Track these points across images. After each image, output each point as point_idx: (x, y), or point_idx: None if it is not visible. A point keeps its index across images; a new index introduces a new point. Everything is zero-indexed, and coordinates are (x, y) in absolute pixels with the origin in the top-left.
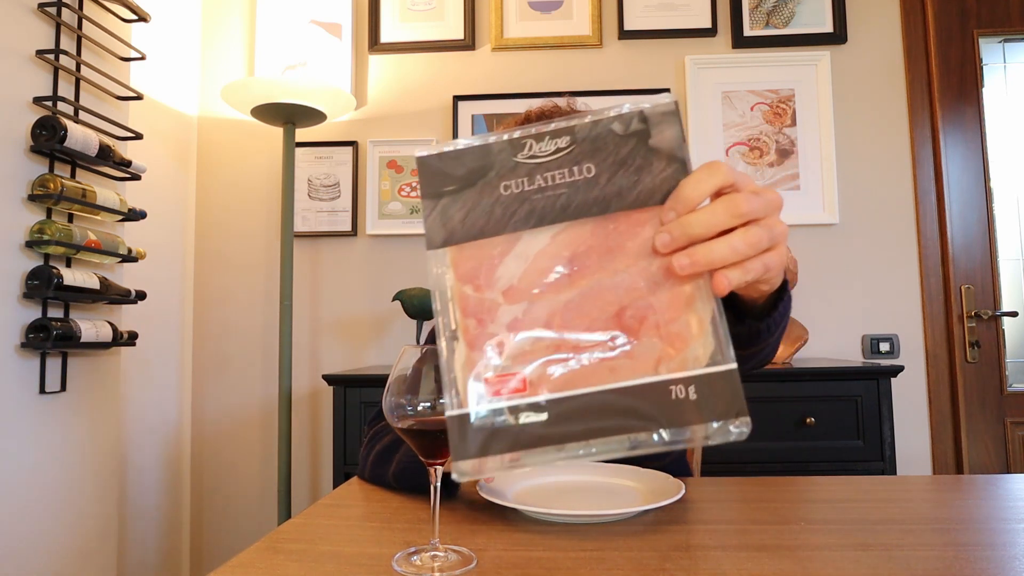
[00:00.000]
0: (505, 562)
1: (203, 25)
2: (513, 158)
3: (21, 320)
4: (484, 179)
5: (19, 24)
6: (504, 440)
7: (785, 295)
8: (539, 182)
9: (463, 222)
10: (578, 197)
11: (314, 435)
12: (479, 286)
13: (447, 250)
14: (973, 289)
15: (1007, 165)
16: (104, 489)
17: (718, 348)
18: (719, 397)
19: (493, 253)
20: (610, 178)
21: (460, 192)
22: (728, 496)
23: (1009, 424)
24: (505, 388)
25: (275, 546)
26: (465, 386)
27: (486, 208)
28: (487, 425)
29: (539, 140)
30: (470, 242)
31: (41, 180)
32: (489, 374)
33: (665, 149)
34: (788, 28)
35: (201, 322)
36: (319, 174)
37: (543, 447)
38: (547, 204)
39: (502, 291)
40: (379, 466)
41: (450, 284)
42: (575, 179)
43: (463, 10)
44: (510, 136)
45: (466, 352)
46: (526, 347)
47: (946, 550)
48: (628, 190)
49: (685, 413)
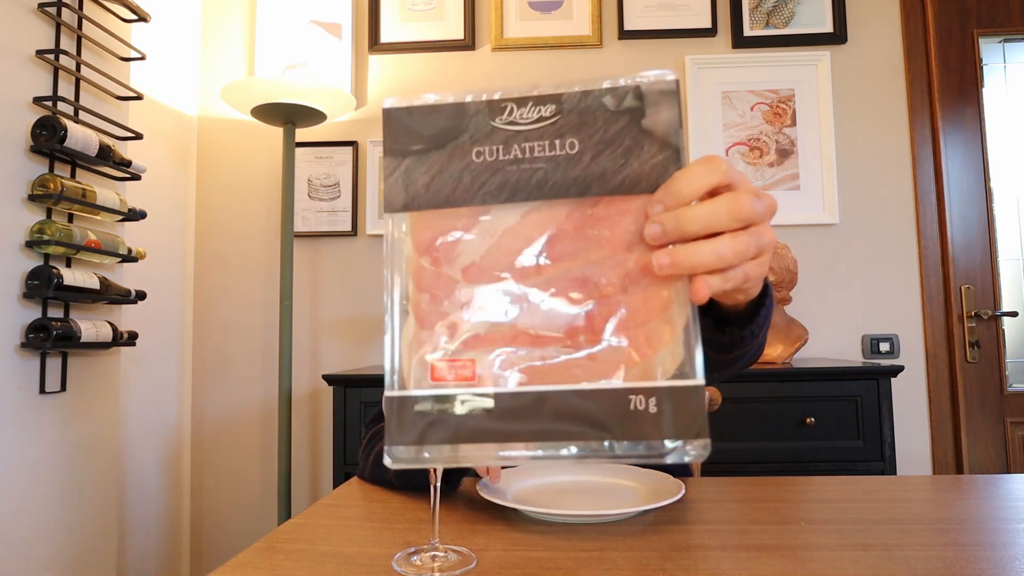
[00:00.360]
0: (505, 562)
1: (203, 25)
2: (490, 122)
3: (21, 320)
4: (455, 142)
5: (19, 24)
6: (445, 430)
7: (767, 300)
8: (515, 152)
9: (427, 187)
10: (557, 174)
11: (314, 435)
12: (437, 259)
13: (406, 215)
14: (973, 289)
15: (1007, 165)
16: (104, 489)
17: (687, 360)
18: (680, 414)
19: (456, 225)
20: (594, 157)
21: (427, 153)
22: (728, 496)
23: (1009, 424)
24: (452, 374)
25: (275, 546)
26: (410, 366)
27: (454, 174)
28: (428, 411)
29: (521, 105)
30: (433, 210)
31: (41, 180)
32: (437, 356)
33: (659, 132)
34: (788, 28)
35: (201, 322)
36: (319, 174)
37: (484, 443)
38: (522, 178)
39: (462, 268)
40: (379, 465)
41: (406, 253)
42: (555, 154)
43: (463, 10)
44: (489, 97)
45: (415, 330)
46: (480, 333)
47: (946, 550)
48: (613, 173)
49: (642, 426)
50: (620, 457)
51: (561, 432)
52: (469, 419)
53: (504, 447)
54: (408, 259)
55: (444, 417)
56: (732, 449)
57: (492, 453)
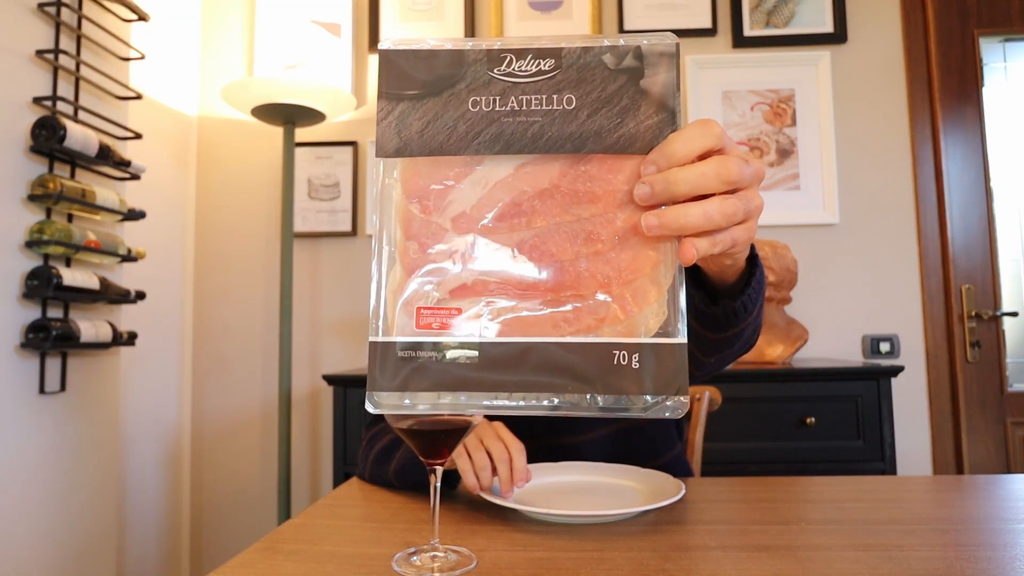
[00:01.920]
0: (505, 562)
1: (203, 25)
2: (488, 72)
3: (21, 320)
4: (452, 89)
5: (19, 24)
6: (428, 377)
7: (757, 271)
8: (512, 104)
9: (421, 133)
10: (552, 129)
11: (314, 435)
12: (427, 207)
13: (398, 161)
14: (973, 289)
15: (1007, 165)
16: (104, 489)
17: (671, 319)
18: (663, 370)
19: (448, 174)
20: (590, 114)
21: (423, 99)
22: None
23: (1009, 424)
24: (437, 322)
25: (275, 546)
26: (394, 312)
27: (449, 122)
28: (411, 358)
29: (521, 57)
30: (425, 157)
31: (41, 180)
32: (422, 303)
33: (656, 94)
34: (788, 28)
35: (201, 322)
36: (319, 174)
37: (468, 391)
38: (517, 130)
39: (451, 217)
40: (379, 465)
41: (396, 199)
42: (552, 108)
43: (463, 10)
44: (489, 46)
45: (402, 276)
46: (467, 282)
47: (946, 550)
48: (608, 132)
49: (624, 381)
50: (602, 410)
51: (544, 384)
52: (453, 367)
53: (489, 396)
54: (397, 205)
55: (428, 364)
56: (732, 449)
57: (476, 402)
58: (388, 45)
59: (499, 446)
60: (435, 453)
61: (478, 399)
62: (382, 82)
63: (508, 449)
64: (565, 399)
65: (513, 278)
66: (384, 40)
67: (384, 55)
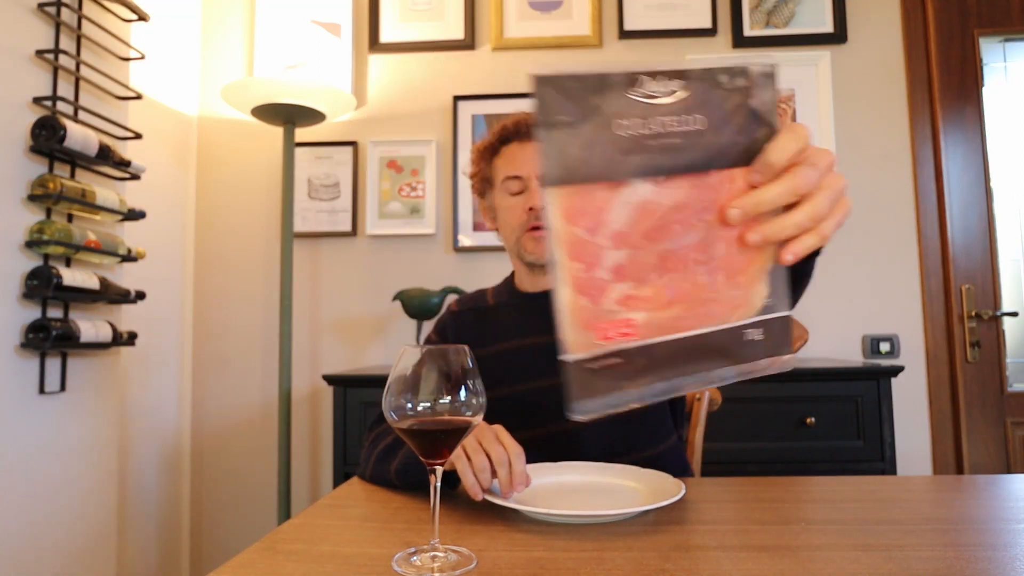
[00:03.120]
0: (505, 562)
1: (203, 25)
2: (626, 94)
3: (21, 320)
4: (599, 114)
5: (19, 24)
6: (618, 379)
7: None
8: (653, 127)
9: (580, 160)
10: (688, 150)
11: (314, 435)
12: (589, 229)
13: (560, 189)
14: (973, 289)
15: (1007, 165)
16: (104, 489)
17: (779, 298)
18: (777, 337)
19: (605, 196)
20: (716, 134)
21: (576, 126)
22: (728, 496)
23: (1009, 424)
24: (615, 332)
25: (275, 546)
26: (576, 331)
27: (603, 147)
28: (601, 368)
29: (654, 78)
30: (583, 184)
31: (41, 180)
32: (599, 319)
33: (762, 112)
34: (788, 28)
35: (201, 322)
36: (319, 174)
37: (652, 382)
38: (660, 153)
39: (609, 236)
40: (381, 464)
41: (559, 225)
42: (688, 129)
43: (463, 10)
44: (626, 70)
45: (574, 297)
46: (632, 293)
47: (946, 550)
48: (729, 148)
49: (754, 351)
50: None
51: (701, 366)
52: (634, 366)
53: (668, 381)
54: (561, 231)
55: (614, 369)
56: (732, 449)
57: (652, 388)
58: (543, 72)
59: (498, 449)
60: (435, 453)
61: (655, 385)
62: (539, 110)
63: (508, 452)
64: (718, 373)
65: (665, 285)
66: (534, 69)
67: (540, 80)
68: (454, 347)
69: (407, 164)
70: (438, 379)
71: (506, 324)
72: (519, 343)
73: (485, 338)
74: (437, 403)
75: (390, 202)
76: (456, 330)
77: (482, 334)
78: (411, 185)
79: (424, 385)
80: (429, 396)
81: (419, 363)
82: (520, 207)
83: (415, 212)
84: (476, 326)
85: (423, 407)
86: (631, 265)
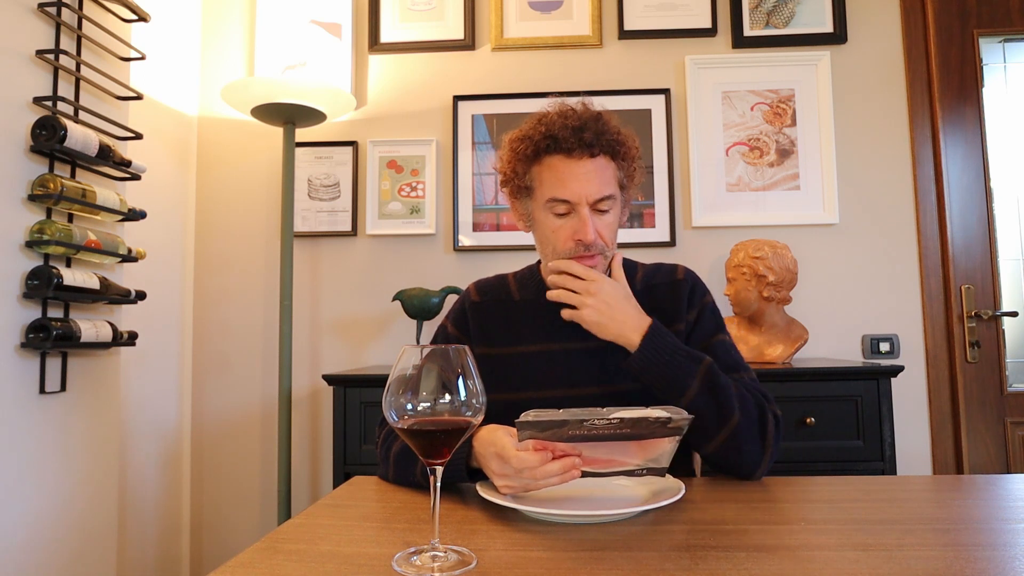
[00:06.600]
0: (505, 562)
1: (203, 25)
2: (582, 424)
3: (21, 320)
4: (559, 430)
5: (19, 24)
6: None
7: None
8: (594, 431)
9: (540, 435)
10: (615, 437)
11: (314, 435)
12: (542, 445)
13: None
14: (973, 289)
15: (1007, 165)
16: (104, 489)
17: (661, 458)
18: (655, 472)
19: (561, 445)
20: (632, 431)
21: (544, 430)
22: (728, 496)
23: (1009, 424)
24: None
25: (275, 546)
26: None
27: (557, 438)
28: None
29: (600, 419)
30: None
31: (41, 180)
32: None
33: (670, 428)
34: (788, 28)
35: (201, 322)
36: (319, 174)
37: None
38: (596, 434)
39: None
40: (403, 467)
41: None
42: (617, 432)
43: (463, 10)
44: (580, 417)
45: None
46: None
47: (946, 550)
48: (639, 435)
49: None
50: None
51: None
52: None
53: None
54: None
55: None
56: None
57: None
58: (527, 418)
59: (527, 458)
60: (435, 453)
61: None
62: (521, 432)
63: (528, 472)
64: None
65: (596, 457)
66: (521, 418)
67: (519, 425)
68: (454, 347)
69: (407, 164)
70: (438, 379)
71: (533, 326)
72: (545, 347)
73: (510, 336)
74: (437, 403)
75: (390, 202)
76: (480, 320)
77: (507, 331)
78: (411, 185)
79: (424, 385)
80: (429, 396)
81: (419, 363)
82: (566, 233)
83: (415, 212)
84: (501, 321)
85: (423, 407)
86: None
